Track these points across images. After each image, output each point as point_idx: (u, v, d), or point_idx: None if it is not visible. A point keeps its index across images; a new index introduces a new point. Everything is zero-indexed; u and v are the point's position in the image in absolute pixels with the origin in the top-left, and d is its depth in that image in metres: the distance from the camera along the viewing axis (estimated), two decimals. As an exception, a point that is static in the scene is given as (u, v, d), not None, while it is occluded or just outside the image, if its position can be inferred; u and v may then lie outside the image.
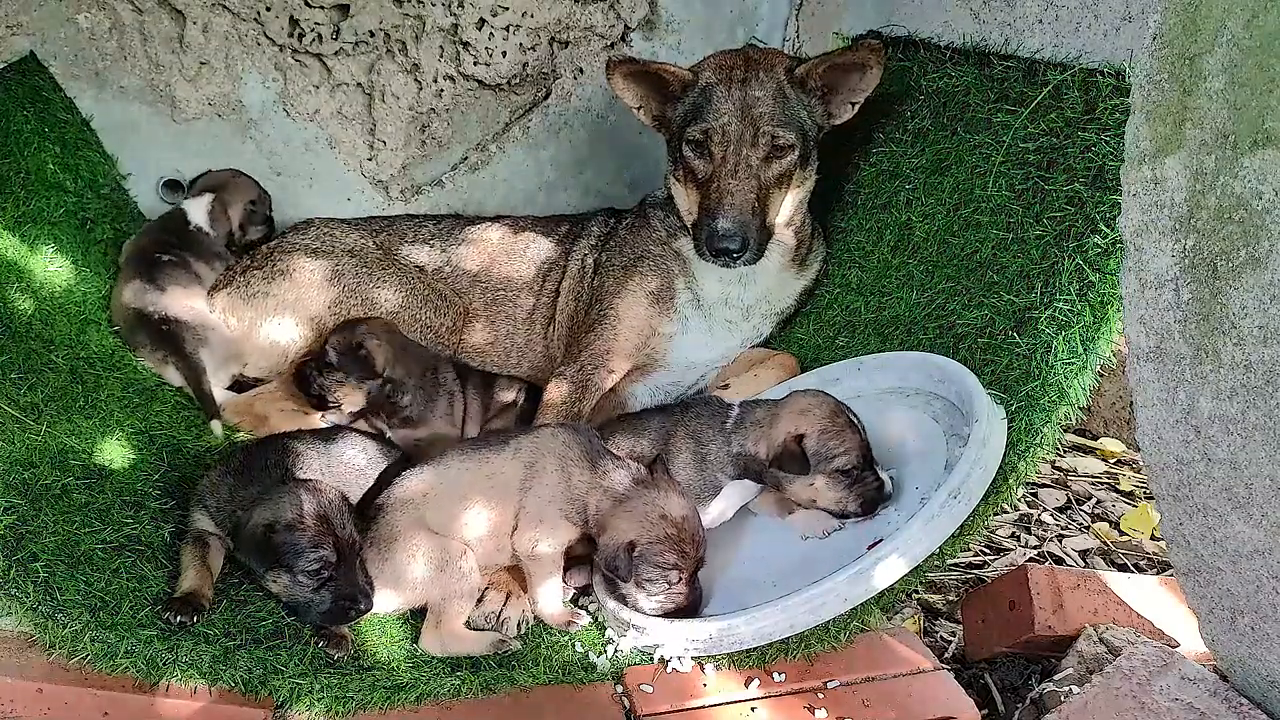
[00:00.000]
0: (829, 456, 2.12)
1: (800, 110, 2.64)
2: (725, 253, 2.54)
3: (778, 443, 2.15)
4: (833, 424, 2.14)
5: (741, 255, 2.55)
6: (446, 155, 3.50)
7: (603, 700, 1.95)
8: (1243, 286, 1.60)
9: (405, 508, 2.13)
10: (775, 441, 2.16)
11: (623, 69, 2.75)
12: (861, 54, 2.56)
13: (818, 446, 2.12)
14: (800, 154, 2.63)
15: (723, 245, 2.52)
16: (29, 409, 2.28)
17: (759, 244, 2.58)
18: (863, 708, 1.94)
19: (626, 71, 2.76)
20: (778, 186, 2.62)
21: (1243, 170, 1.58)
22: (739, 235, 2.51)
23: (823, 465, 2.13)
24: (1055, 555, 2.91)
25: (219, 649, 1.89)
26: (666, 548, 2.01)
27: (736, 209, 2.52)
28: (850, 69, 2.61)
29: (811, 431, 2.13)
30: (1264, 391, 1.59)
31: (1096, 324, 2.00)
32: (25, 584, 1.86)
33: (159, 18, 3.16)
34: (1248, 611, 1.78)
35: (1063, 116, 2.23)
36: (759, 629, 1.98)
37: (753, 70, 2.62)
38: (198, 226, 3.07)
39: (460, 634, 2.04)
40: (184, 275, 2.90)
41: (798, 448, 2.12)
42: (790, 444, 2.13)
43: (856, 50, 2.57)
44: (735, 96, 2.59)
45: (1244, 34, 1.58)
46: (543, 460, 2.13)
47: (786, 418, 2.17)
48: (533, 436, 2.20)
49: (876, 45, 2.54)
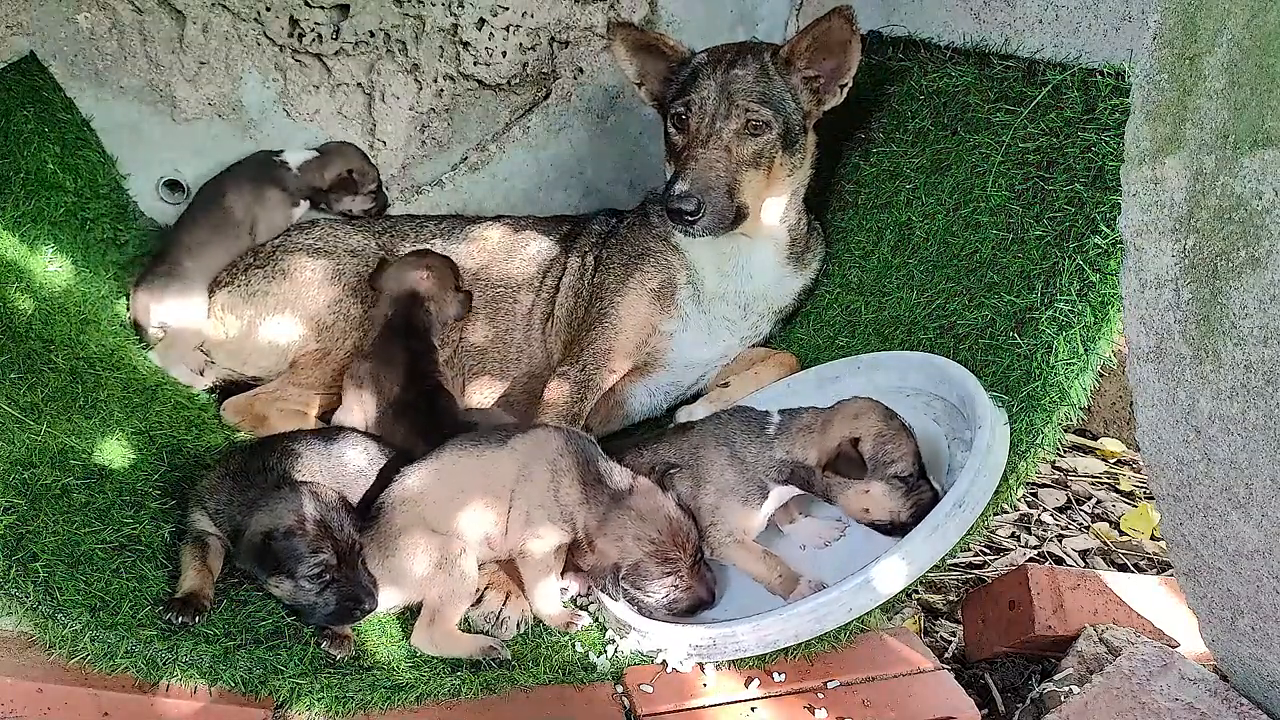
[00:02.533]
0: (886, 462, 2.06)
1: (784, 92, 2.62)
2: (679, 215, 2.51)
3: (831, 447, 2.10)
4: (888, 428, 2.08)
5: (697, 219, 2.51)
6: (446, 155, 3.50)
7: (603, 700, 1.95)
8: (1243, 286, 1.60)
9: (404, 505, 2.13)
10: (829, 446, 2.10)
11: (623, 34, 2.77)
12: (834, 20, 2.51)
13: (874, 451, 2.06)
14: (781, 135, 2.60)
15: (675, 205, 2.49)
16: (29, 409, 2.28)
17: (721, 215, 2.54)
18: (863, 708, 1.94)
19: (627, 39, 2.77)
20: (754, 165, 2.59)
21: (1243, 170, 1.58)
22: (695, 197, 2.48)
23: (879, 471, 2.06)
24: (1055, 555, 2.91)
25: (219, 649, 1.89)
26: (652, 562, 2.01)
27: (696, 173, 2.51)
28: (832, 46, 2.59)
29: (868, 436, 2.07)
30: (1264, 391, 1.59)
31: (1097, 324, 2.01)
32: (25, 584, 1.86)
33: (159, 18, 3.16)
34: (1248, 612, 1.78)
35: (1062, 116, 2.23)
36: (762, 637, 1.99)
37: (741, 54, 2.64)
38: (284, 162, 3.19)
39: (453, 635, 2.04)
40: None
41: (855, 451, 2.06)
42: (846, 448, 2.07)
43: (829, 17, 2.52)
44: (718, 75, 2.60)
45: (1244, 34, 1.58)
46: (535, 463, 2.13)
47: (840, 422, 2.12)
48: (529, 437, 2.20)
49: (847, 9, 2.49)
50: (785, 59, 2.62)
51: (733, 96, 2.56)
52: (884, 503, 2.08)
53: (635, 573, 2.02)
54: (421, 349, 2.69)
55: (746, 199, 2.60)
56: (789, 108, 2.62)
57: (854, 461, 2.06)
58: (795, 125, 2.64)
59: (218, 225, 3.05)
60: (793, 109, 2.63)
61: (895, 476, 2.06)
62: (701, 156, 2.54)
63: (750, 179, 2.59)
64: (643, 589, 2.04)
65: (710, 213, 2.52)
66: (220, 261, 3.03)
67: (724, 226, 2.58)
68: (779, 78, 2.62)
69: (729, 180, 2.55)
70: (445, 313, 2.81)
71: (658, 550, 2.01)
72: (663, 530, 2.02)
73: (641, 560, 2.01)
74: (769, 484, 2.18)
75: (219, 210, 3.07)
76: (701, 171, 2.52)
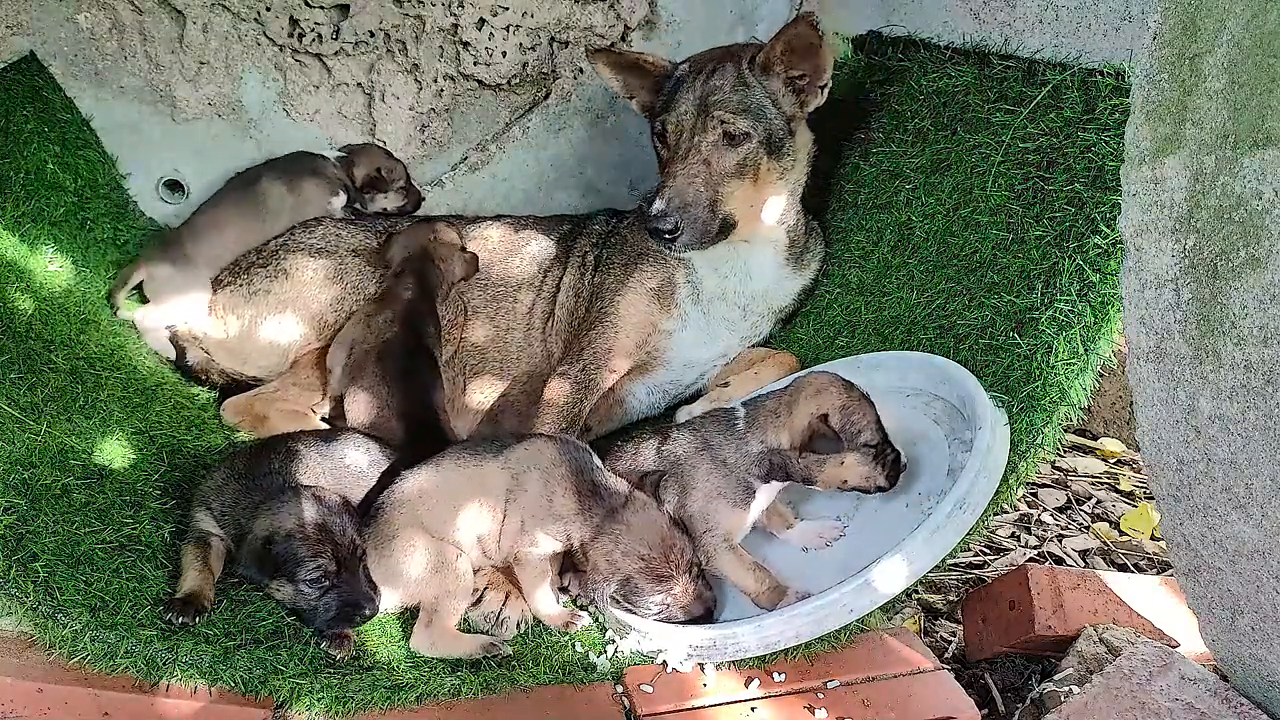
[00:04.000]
0: (855, 432, 2.09)
1: (763, 99, 2.61)
2: (657, 234, 2.53)
3: (801, 427, 2.11)
4: (850, 399, 2.11)
5: (676, 237, 2.53)
6: (446, 155, 3.50)
7: (603, 700, 1.95)
8: (1243, 286, 1.60)
9: (403, 508, 2.13)
10: (799, 427, 2.11)
11: (602, 58, 2.80)
12: (800, 26, 2.52)
13: (843, 422, 2.09)
14: (763, 142, 2.60)
15: (652, 225, 2.52)
16: (29, 409, 2.28)
17: (702, 230, 2.55)
18: (863, 708, 1.94)
19: (607, 61, 2.79)
20: (737, 175, 2.59)
21: (1243, 170, 1.58)
22: (671, 216, 2.50)
23: (851, 441, 2.09)
24: (1055, 555, 2.91)
25: (219, 649, 1.89)
26: (644, 578, 2.01)
27: (674, 190, 2.52)
28: (803, 51, 2.58)
29: (834, 410, 2.09)
30: (1264, 392, 1.59)
31: (1097, 324, 2.00)
32: (25, 584, 1.86)
33: (159, 18, 3.16)
34: (1248, 612, 1.78)
35: (1062, 116, 2.23)
36: (763, 638, 1.99)
37: (720, 64, 2.63)
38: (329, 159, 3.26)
39: (451, 635, 2.04)
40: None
41: (826, 427, 2.08)
42: (818, 425, 2.09)
43: (795, 23, 2.53)
44: (697, 87, 2.60)
45: (1244, 34, 1.58)
46: (528, 474, 2.12)
47: (804, 402, 2.13)
48: (524, 447, 2.17)
49: (810, 15, 2.49)
50: (763, 65, 2.61)
51: (709, 109, 2.56)
52: (859, 470, 2.11)
53: (627, 586, 2.02)
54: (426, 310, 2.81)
55: (732, 209, 2.60)
56: (769, 113, 2.61)
57: (828, 437, 2.08)
58: (778, 130, 2.63)
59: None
60: (774, 114, 2.62)
61: (865, 445, 2.10)
62: (680, 173, 2.55)
63: (734, 189, 2.59)
64: (635, 603, 2.04)
65: (689, 230, 2.53)
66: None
67: (708, 240, 2.58)
68: (758, 84, 2.61)
69: (710, 194, 2.55)
70: (453, 271, 2.92)
71: (649, 566, 2.00)
72: (655, 546, 2.01)
73: (633, 575, 2.01)
74: (754, 482, 2.17)
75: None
76: (680, 188, 2.53)
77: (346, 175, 3.23)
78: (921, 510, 2.13)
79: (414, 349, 2.69)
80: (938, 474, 2.19)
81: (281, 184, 3.12)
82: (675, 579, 2.02)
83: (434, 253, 2.90)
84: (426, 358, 2.71)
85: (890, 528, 2.14)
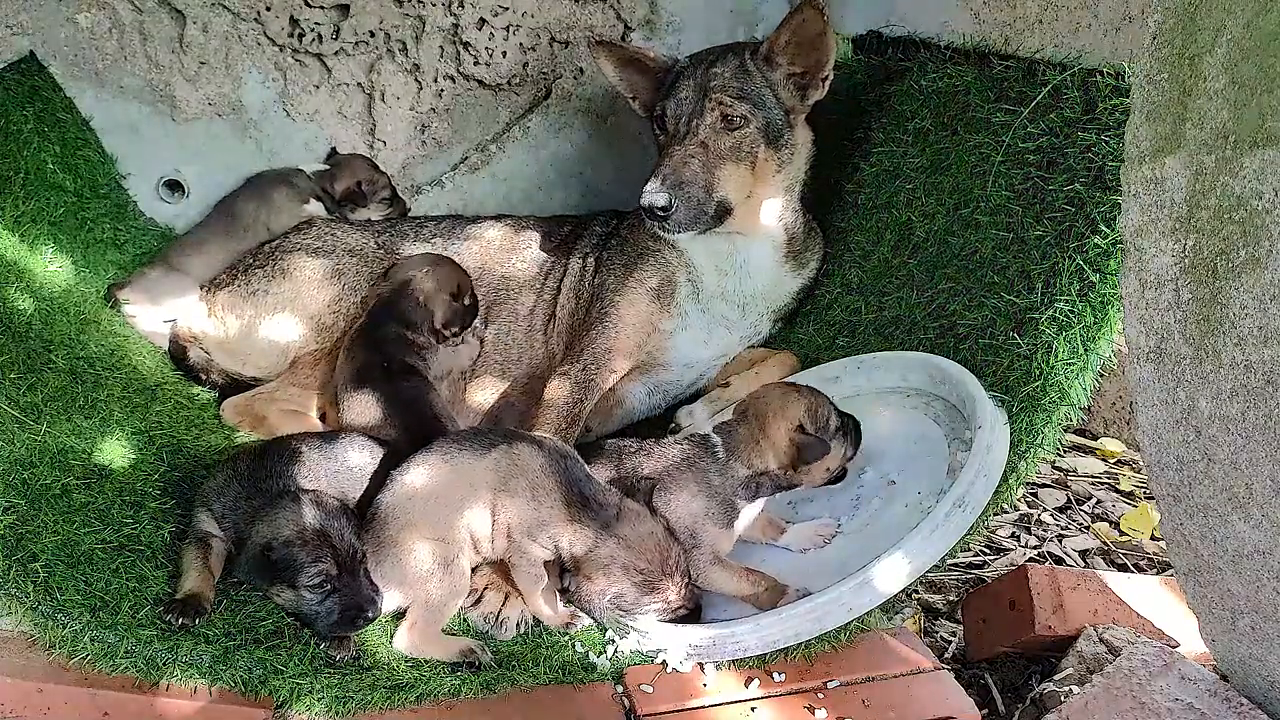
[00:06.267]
0: (826, 425, 2.17)
1: (763, 88, 2.62)
2: (650, 211, 2.53)
3: (784, 446, 2.15)
4: (806, 398, 2.19)
5: (669, 214, 2.53)
6: (446, 155, 3.50)
7: (603, 700, 1.95)
8: (1243, 286, 1.60)
9: (398, 509, 2.12)
10: (781, 447, 2.15)
11: (605, 51, 2.81)
12: (806, 12, 2.52)
13: (815, 424, 2.16)
14: (762, 130, 2.61)
15: (646, 201, 2.52)
16: (29, 409, 2.28)
17: (697, 210, 2.55)
18: (863, 708, 1.94)
19: (608, 55, 2.81)
20: (733, 160, 2.59)
21: (1243, 170, 1.58)
22: (665, 194, 2.51)
23: (828, 435, 2.18)
24: (1055, 555, 2.91)
25: (219, 649, 1.89)
26: (640, 591, 2.00)
27: (670, 169, 2.53)
28: (809, 39, 2.59)
29: (805, 418, 2.16)
30: (1264, 392, 1.59)
31: (1097, 324, 2.01)
32: (25, 584, 1.86)
33: (159, 18, 3.16)
34: (1248, 612, 1.78)
35: (1062, 116, 2.23)
36: (763, 637, 1.99)
37: (722, 55, 2.66)
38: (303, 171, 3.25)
39: (434, 638, 2.03)
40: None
41: (806, 435, 2.14)
42: (800, 439, 2.14)
43: (801, 9, 2.53)
44: (698, 75, 2.62)
45: (1244, 34, 1.58)
46: (516, 480, 2.09)
47: (774, 421, 2.17)
48: (513, 451, 2.13)
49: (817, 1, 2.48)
50: (765, 56, 2.63)
51: (708, 92, 2.58)
52: (837, 454, 2.20)
53: (622, 599, 2.01)
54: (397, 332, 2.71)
55: (728, 193, 2.60)
56: (769, 103, 2.62)
57: (814, 445, 2.14)
58: (778, 121, 2.64)
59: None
60: (773, 104, 2.63)
61: (836, 430, 2.19)
62: (676, 153, 2.56)
63: (731, 174, 2.60)
64: (629, 614, 2.04)
65: (684, 208, 2.53)
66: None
67: (703, 222, 2.58)
68: (759, 74, 2.63)
69: (706, 176, 2.56)
70: (433, 311, 2.76)
71: (646, 581, 2.00)
72: (652, 560, 2.00)
73: (628, 590, 2.00)
74: (739, 503, 2.18)
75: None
76: (675, 168, 2.54)
77: (329, 187, 3.22)
78: (921, 510, 2.13)
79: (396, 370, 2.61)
80: (938, 474, 2.19)
81: (253, 199, 3.16)
82: (670, 590, 2.02)
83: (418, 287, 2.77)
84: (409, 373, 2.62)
85: (890, 528, 2.15)
